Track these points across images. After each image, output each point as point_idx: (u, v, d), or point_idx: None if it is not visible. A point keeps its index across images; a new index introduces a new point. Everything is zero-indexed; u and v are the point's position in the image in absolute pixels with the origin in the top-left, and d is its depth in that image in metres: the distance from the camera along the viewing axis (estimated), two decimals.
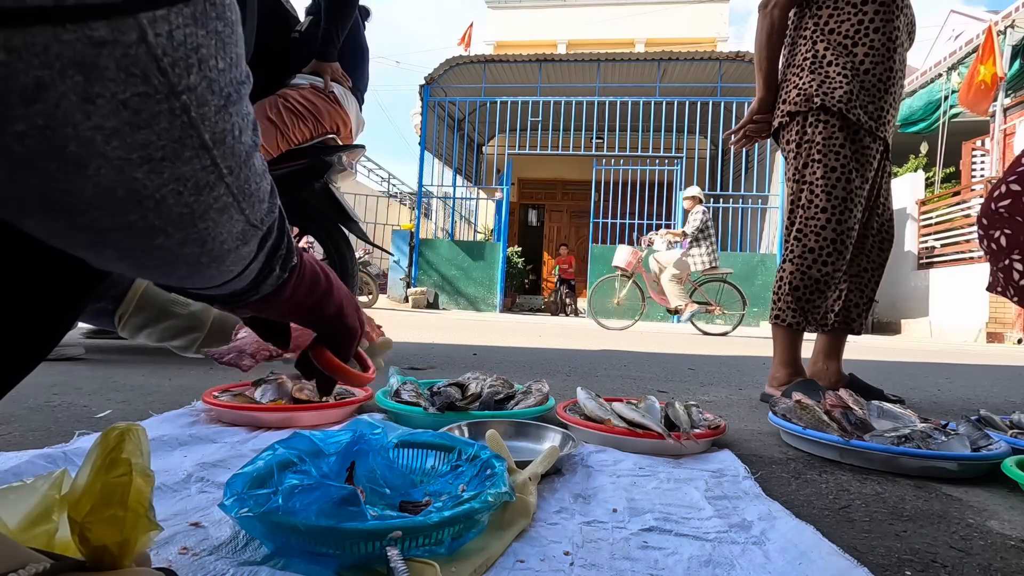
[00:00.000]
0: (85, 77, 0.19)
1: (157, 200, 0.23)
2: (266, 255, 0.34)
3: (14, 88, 0.18)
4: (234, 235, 0.28)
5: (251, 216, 0.29)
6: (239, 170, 0.26)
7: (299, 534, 0.51)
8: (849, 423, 1.08)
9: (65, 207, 0.21)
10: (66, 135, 0.19)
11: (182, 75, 0.21)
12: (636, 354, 3.19)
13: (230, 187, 0.26)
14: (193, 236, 0.26)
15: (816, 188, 1.61)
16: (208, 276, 0.30)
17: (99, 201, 0.22)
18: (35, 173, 0.20)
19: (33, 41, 0.17)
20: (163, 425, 1.01)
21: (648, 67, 9.70)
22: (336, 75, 2.04)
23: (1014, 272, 1.10)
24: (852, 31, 1.58)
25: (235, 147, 0.25)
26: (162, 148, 0.22)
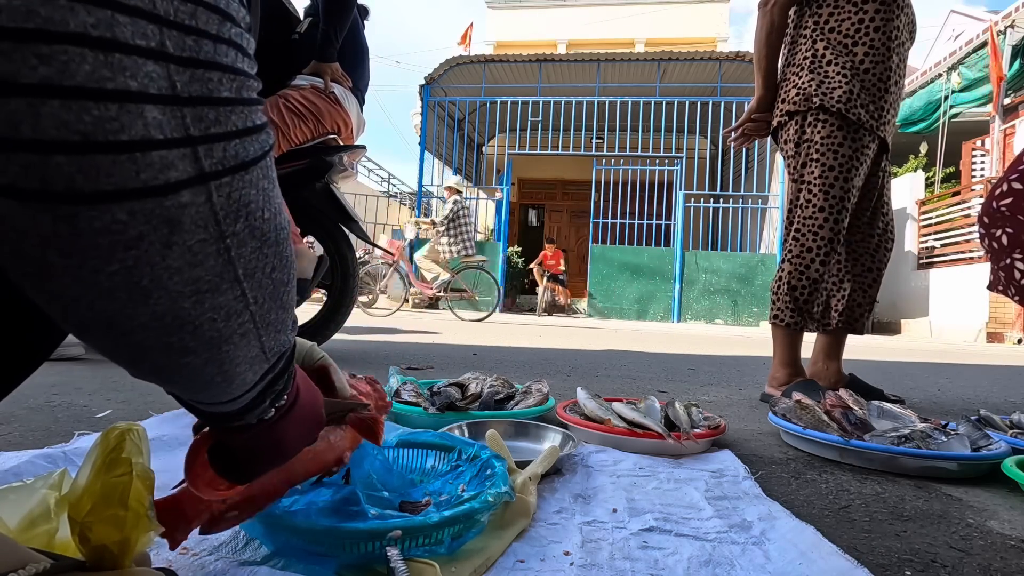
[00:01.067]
0: (170, 230, 0.24)
1: (195, 326, 0.27)
2: (264, 386, 0.36)
3: (122, 240, 0.23)
4: (247, 359, 0.32)
5: (266, 344, 0.33)
6: (264, 301, 0.30)
7: (299, 534, 0.51)
8: (849, 423, 1.08)
9: (122, 328, 0.26)
10: (143, 273, 0.24)
11: (231, 224, 0.26)
12: (636, 354, 3.19)
13: (254, 315, 0.30)
14: (216, 357, 0.29)
15: (814, 187, 1.61)
16: (213, 393, 0.33)
17: (151, 324, 0.26)
18: (111, 302, 0.24)
19: (146, 207, 0.23)
20: (163, 425, 1.01)
21: (648, 67, 9.70)
22: (336, 75, 2.04)
23: (1015, 271, 1.10)
24: (852, 30, 1.58)
25: (264, 281, 0.30)
26: (207, 282, 0.26)
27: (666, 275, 8.88)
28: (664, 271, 8.89)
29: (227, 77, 0.25)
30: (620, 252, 9.09)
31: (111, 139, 0.21)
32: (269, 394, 0.38)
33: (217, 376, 0.31)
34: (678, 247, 8.79)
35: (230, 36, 0.25)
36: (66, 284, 0.23)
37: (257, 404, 0.37)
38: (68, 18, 0.20)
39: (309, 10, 2.17)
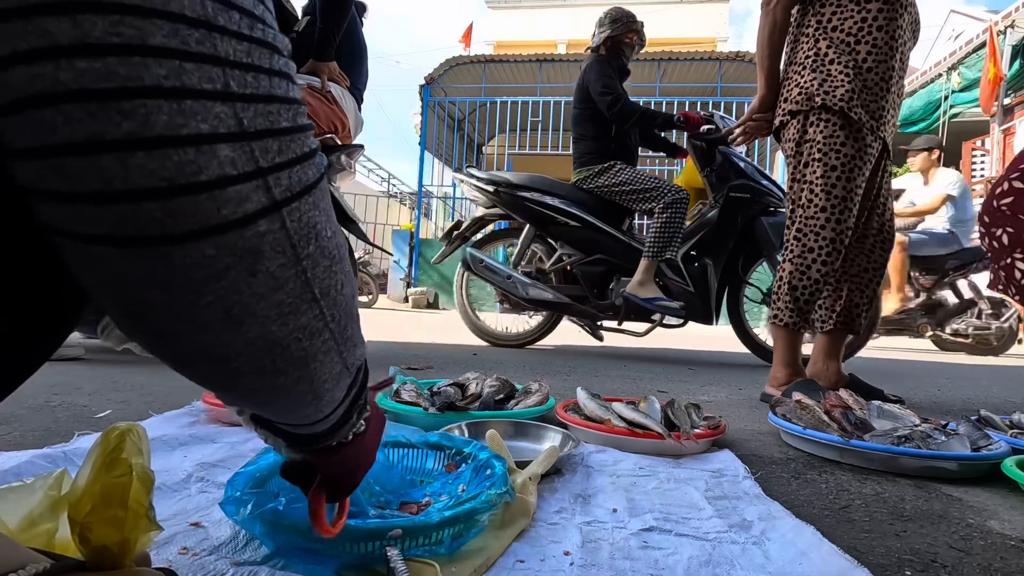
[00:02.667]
0: (253, 259, 0.25)
1: (284, 347, 0.28)
2: (351, 401, 0.38)
3: (213, 272, 0.24)
4: (332, 375, 0.33)
5: (347, 359, 0.34)
6: (340, 317, 0.32)
7: (299, 534, 0.51)
8: (849, 423, 1.08)
9: (220, 357, 0.27)
10: (233, 301, 0.25)
11: (304, 246, 0.27)
12: (636, 354, 3.19)
13: (333, 332, 0.31)
14: (305, 375, 0.31)
15: (816, 187, 1.61)
16: (306, 414, 0.35)
17: (245, 351, 0.27)
18: (208, 333, 0.26)
19: (230, 240, 0.24)
20: (163, 425, 1.01)
21: (648, 67, 9.69)
22: (333, 75, 2.04)
23: (1016, 270, 1.10)
24: (855, 29, 1.57)
25: (337, 298, 0.31)
26: (289, 304, 0.28)
27: None
28: None
29: (284, 107, 0.26)
30: None
31: (192, 180, 0.22)
32: (356, 408, 0.40)
33: (309, 394, 0.32)
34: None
35: (280, 68, 0.26)
36: (168, 319, 0.25)
37: (347, 419, 0.39)
38: (143, 73, 0.21)
39: (307, 8, 2.17)
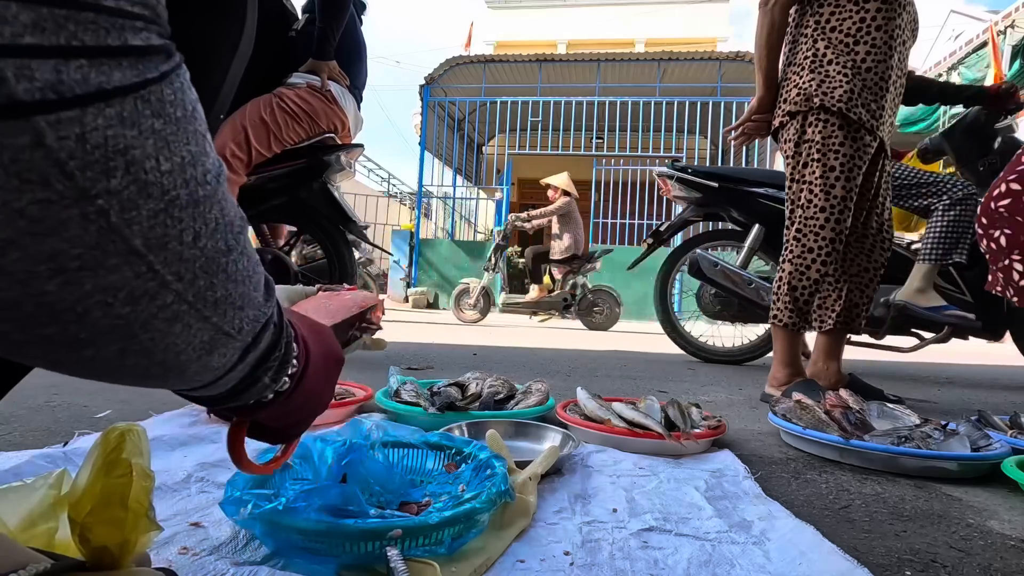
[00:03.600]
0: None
1: (79, 313, 0.21)
2: (252, 364, 0.32)
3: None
4: (195, 344, 0.26)
5: (223, 323, 0.27)
6: (195, 276, 0.24)
7: (299, 534, 0.51)
8: (849, 423, 1.08)
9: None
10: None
11: (97, 179, 0.19)
12: (636, 354, 3.19)
13: (182, 294, 0.24)
14: (134, 347, 0.24)
15: (815, 187, 1.61)
16: (168, 383, 0.28)
17: (5, 315, 0.20)
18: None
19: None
20: (163, 425, 1.01)
21: (648, 67, 9.70)
22: (333, 73, 2.04)
23: (1014, 272, 1.10)
24: (854, 29, 1.58)
25: (184, 252, 0.23)
26: (78, 257, 0.20)
27: None
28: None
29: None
30: (620, 252, 9.09)
31: None
32: (264, 371, 0.33)
33: (153, 367, 0.26)
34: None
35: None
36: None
37: (251, 383, 0.33)
38: None
39: (306, 7, 2.17)
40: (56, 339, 0.22)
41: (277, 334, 0.33)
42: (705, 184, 2.67)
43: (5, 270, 0.19)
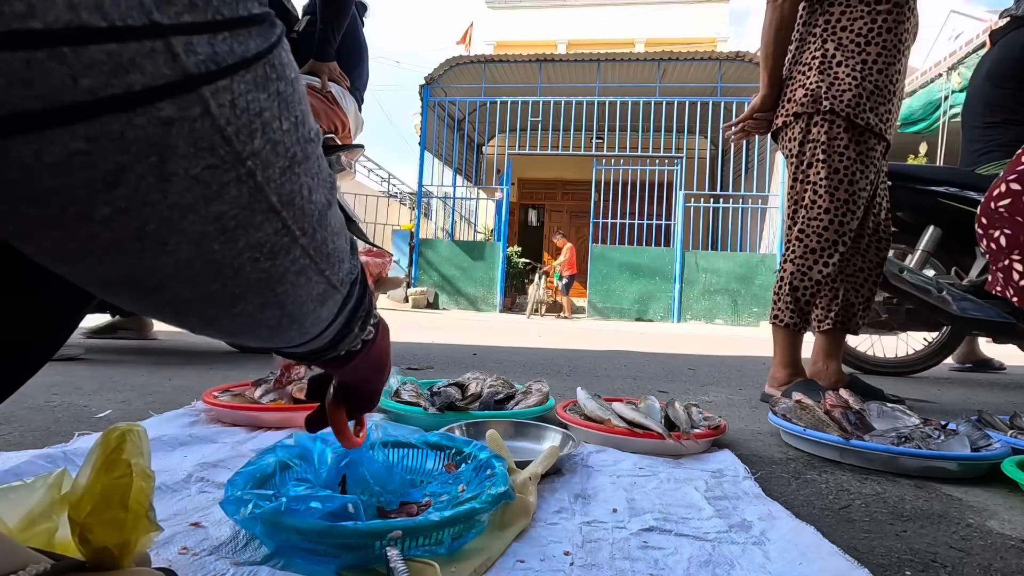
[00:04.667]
0: (159, 157, 0.19)
1: (235, 268, 0.23)
2: (347, 316, 0.35)
3: (97, 176, 0.18)
4: (313, 296, 0.29)
5: (332, 276, 0.30)
6: (313, 230, 0.27)
7: (299, 534, 0.51)
8: (849, 423, 1.08)
9: (150, 284, 0.22)
10: (145, 215, 0.20)
11: (246, 141, 0.21)
12: (636, 354, 3.19)
13: (305, 248, 0.26)
14: (272, 300, 0.26)
15: (820, 188, 1.61)
16: (288, 337, 0.31)
17: (180, 275, 0.22)
18: (121, 255, 0.21)
19: (109, 128, 0.18)
20: (163, 425, 1.01)
21: (648, 67, 9.70)
22: (334, 75, 2.04)
23: (1014, 272, 1.10)
24: (865, 29, 1.57)
25: (306, 207, 0.25)
26: (235, 217, 0.22)
27: (666, 275, 8.87)
28: (664, 271, 8.88)
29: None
30: (620, 252, 9.09)
31: (15, 27, 0.15)
32: (356, 320, 0.37)
33: (283, 320, 0.28)
34: (678, 247, 8.79)
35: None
36: (59, 240, 0.19)
37: (345, 334, 0.37)
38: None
39: (307, 8, 2.17)
40: (217, 295, 0.24)
41: (363, 287, 0.36)
42: None
43: (185, 232, 0.21)
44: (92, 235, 0.19)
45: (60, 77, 0.16)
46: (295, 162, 0.24)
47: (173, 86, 0.18)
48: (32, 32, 0.15)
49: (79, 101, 0.17)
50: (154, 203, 0.20)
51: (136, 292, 0.23)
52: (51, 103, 0.16)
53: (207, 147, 0.20)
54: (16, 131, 0.16)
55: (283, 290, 0.26)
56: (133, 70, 0.17)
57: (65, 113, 0.17)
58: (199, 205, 0.21)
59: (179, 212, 0.20)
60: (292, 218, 0.25)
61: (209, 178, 0.20)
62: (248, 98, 0.21)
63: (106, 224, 0.19)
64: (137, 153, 0.18)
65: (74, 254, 0.20)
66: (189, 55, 0.18)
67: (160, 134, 0.19)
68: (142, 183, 0.19)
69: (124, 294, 0.23)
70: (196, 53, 0.19)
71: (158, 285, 0.22)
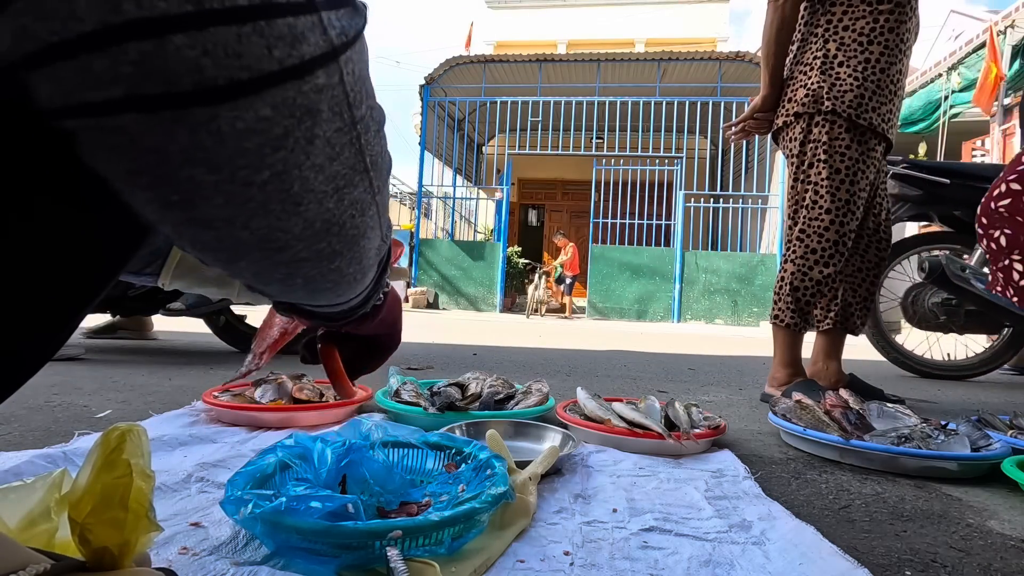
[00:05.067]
0: (312, 121, 0.21)
1: (340, 224, 0.25)
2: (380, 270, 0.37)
3: (269, 139, 0.20)
4: (374, 250, 0.31)
5: (384, 232, 0.32)
6: (383, 188, 0.29)
7: (299, 534, 0.51)
8: (849, 423, 1.08)
9: (276, 245, 0.23)
10: (292, 177, 0.21)
11: (359, 106, 0.23)
12: (636, 354, 3.19)
13: (379, 205, 0.29)
14: (356, 255, 0.28)
15: (821, 189, 1.61)
16: (354, 291, 0.32)
17: (303, 234, 0.24)
18: (266, 217, 0.22)
19: (287, 95, 0.19)
20: (163, 425, 1.01)
21: (648, 67, 9.69)
22: None
23: (1014, 272, 1.10)
24: (867, 29, 1.57)
25: (382, 167, 0.28)
26: (344, 176, 0.24)
27: (666, 275, 8.87)
28: (664, 271, 8.88)
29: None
30: (620, 252, 9.09)
31: (228, 4, 0.17)
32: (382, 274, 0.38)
33: (358, 273, 0.30)
34: (678, 247, 8.79)
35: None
36: (219, 205, 0.20)
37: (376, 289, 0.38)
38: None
39: None
40: (324, 252, 0.25)
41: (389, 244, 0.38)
42: (933, 180, 2.36)
43: (315, 191, 0.22)
44: (249, 198, 0.21)
45: (260, 48, 0.18)
46: (381, 126, 0.27)
47: (326, 56, 0.20)
48: (239, 8, 0.17)
49: (272, 70, 0.18)
50: (300, 164, 0.21)
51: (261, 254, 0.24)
52: (255, 72, 0.18)
53: (338, 111, 0.22)
54: (227, 98, 0.18)
55: (364, 244, 0.28)
56: (304, 41, 0.19)
57: (264, 81, 0.18)
58: (326, 165, 0.22)
59: (314, 172, 0.22)
60: (376, 177, 0.27)
61: (336, 140, 0.22)
62: (359, 67, 0.23)
63: (263, 187, 0.21)
64: (300, 117, 0.20)
65: (225, 219, 0.21)
66: (331, 28, 0.20)
67: (316, 100, 0.20)
68: (297, 145, 0.21)
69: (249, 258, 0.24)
70: (335, 26, 0.21)
71: (284, 245, 0.24)
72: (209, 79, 0.17)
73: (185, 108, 0.17)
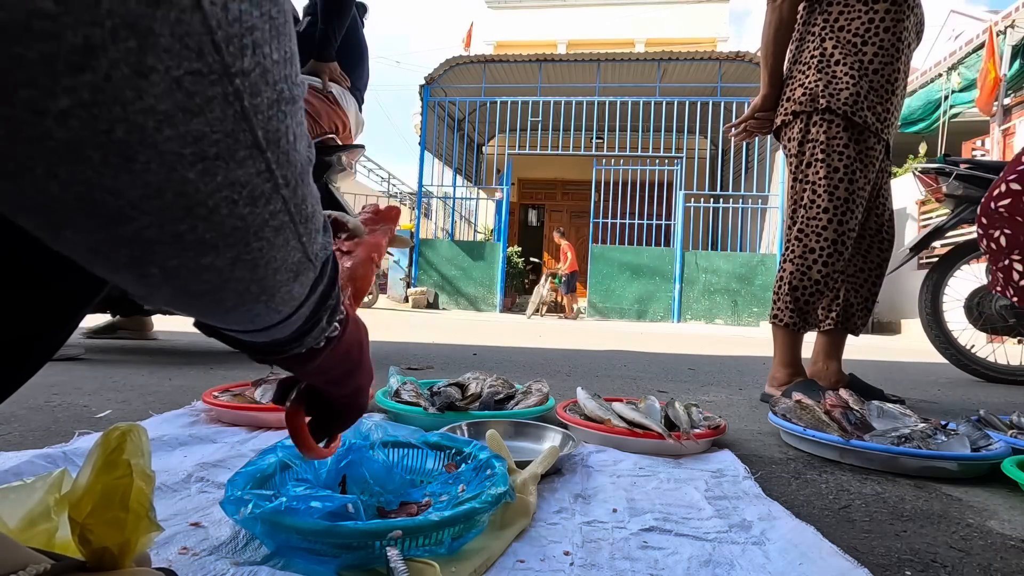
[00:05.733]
0: (139, 43, 0.16)
1: (209, 208, 0.20)
2: (316, 301, 0.31)
3: (62, 51, 0.15)
4: (288, 265, 0.26)
5: (308, 246, 0.26)
6: (296, 184, 0.24)
7: (299, 534, 0.51)
8: (849, 423, 1.08)
9: (109, 212, 0.18)
10: (114, 115, 0.16)
11: (236, 55, 0.18)
12: (636, 354, 3.19)
13: (287, 202, 0.23)
14: (245, 257, 0.23)
15: (819, 188, 1.61)
16: (254, 312, 0.27)
17: (146, 205, 0.19)
18: (77, 165, 0.17)
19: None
20: (163, 425, 1.01)
21: (648, 67, 9.70)
22: (334, 75, 2.04)
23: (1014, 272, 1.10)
24: (862, 29, 1.57)
25: (291, 155, 0.23)
26: (216, 143, 0.19)
27: (666, 275, 8.88)
28: (664, 271, 8.89)
29: None
30: (620, 252, 9.09)
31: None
32: (324, 309, 0.32)
33: (252, 286, 0.24)
34: (678, 247, 8.80)
35: None
36: (2, 137, 0.16)
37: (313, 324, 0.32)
38: None
39: (308, 9, 2.17)
40: (185, 238, 0.20)
41: (334, 271, 0.33)
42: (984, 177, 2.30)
43: (158, 148, 0.18)
44: (44, 134, 0.16)
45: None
46: (283, 99, 0.21)
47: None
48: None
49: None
50: (125, 101, 0.16)
51: (90, 222, 0.18)
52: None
53: (194, 48, 0.17)
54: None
55: (258, 247, 0.23)
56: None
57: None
58: (177, 118, 0.18)
59: (154, 121, 0.17)
60: (276, 162, 0.22)
61: (192, 86, 0.18)
62: (242, 7, 0.18)
63: (63, 120, 0.16)
64: (112, 29, 0.15)
65: (17, 161, 0.16)
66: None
67: (143, 13, 0.16)
68: (115, 72, 0.16)
69: (74, 225, 0.19)
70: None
71: (119, 214, 0.18)
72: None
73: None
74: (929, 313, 2.61)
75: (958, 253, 2.60)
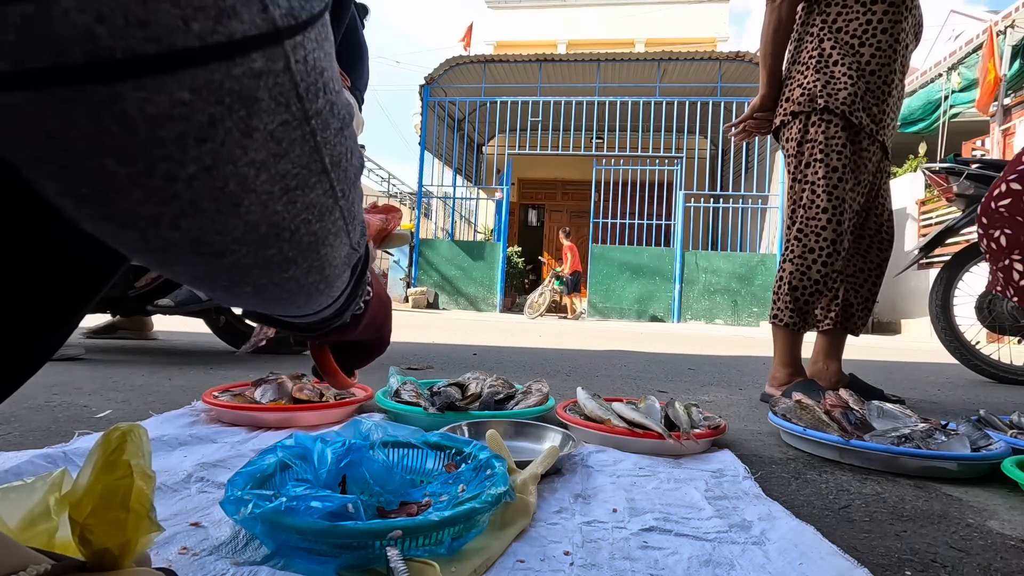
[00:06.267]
0: (247, 111, 0.18)
1: (292, 231, 0.23)
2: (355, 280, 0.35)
3: (192, 129, 0.17)
4: (341, 259, 0.29)
5: (354, 239, 0.29)
6: (349, 192, 0.26)
7: (299, 534, 0.51)
8: (849, 423, 1.08)
9: (215, 249, 0.21)
10: (227, 173, 0.19)
11: (313, 99, 0.21)
12: (636, 354, 3.19)
13: (343, 210, 0.26)
14: (316, 264, 0.26)
15: (818, 188, 1.61)
16: (318, 303, 0.30)
17: (246, 239, 0.21)
18: (196, 217, 0.19)
19: (211, 78, 0.17)
20: (163, 425, 1.01)
21: (648, 67, 9.70)
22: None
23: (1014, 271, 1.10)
24: (860, 30, 1.57)
25: (347, 170, 0.25)
26: (295, 176, 0.22)
27: (666, 275, 8.88)
28: (664, 271, 8.89)
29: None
30: (620, 252, 9.10)
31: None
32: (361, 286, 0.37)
33: (320, 283, 0.28)
34: (678, 247, 8.80)
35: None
36: (138, 201, 0.18)
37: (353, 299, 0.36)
38: None
39: None
40: (274, 260, 0.23)
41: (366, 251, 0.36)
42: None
43: (256, 191, 0.20)
44: (173, 195, 0.18)
45: (173, 18, 0.15)
46: (344, 124, 0.24)
47: (265, 37, 0.18)
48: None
49: (189, 47, 0.16)
50: (236, 160, 0.19)
51: (198, 259, 0.21)
52: (164, 47, 0.15)
53: (284, 103, 0.20)
54: (129, 75, 0.15)
55: (324, 252, 0.26)
56: (234, 17, 0.17)
57: (177, 59, 0.16)
58: (270, 163, 0.20)
59: (255, 170, 0.20)
60: (338, 180, 0.25)
61: (281, 135, 0.20)
62: (315, 55, 0.20)
63: (189, 183, 0.18)
64: (230, 106, 0.18)
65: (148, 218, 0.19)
66: (274, 7, 0.18)
67: (251, 87, 0.18)
68: (229, 138, 0.18)
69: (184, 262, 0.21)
70: (279, 6, 0.18)
71: (223, 250, 0.21)
72: (104, 50, 0.15)
73: (80, 85, 0.15)
74: (939, 313, 2.61)
75: (969, 253, 2.59)
